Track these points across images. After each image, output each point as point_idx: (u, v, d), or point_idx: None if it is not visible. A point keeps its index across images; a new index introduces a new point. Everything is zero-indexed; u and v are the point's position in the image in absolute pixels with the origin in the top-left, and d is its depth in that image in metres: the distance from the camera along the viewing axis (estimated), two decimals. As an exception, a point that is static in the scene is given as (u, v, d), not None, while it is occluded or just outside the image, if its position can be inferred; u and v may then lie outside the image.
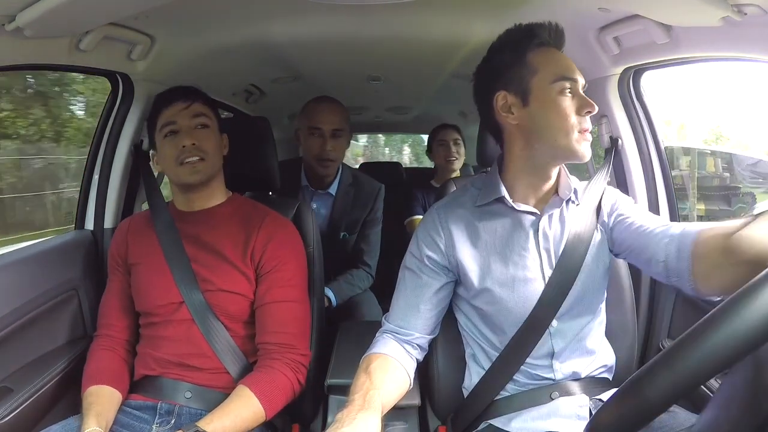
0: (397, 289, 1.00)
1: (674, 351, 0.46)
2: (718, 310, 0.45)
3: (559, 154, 0.91)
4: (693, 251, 0.79)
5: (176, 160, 1.04)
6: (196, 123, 1.06)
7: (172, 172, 1.06)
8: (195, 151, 1.04)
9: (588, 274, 0.93)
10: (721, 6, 0.80)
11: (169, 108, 1.06)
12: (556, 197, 0.96)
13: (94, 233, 1.36)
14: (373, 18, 1.26)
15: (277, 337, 1.01)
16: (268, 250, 1.05)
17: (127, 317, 1.08)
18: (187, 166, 1.04)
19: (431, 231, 0.97)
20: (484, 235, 0.95)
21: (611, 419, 0.51)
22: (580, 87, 0.90)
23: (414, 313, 0.96)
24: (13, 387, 1.02)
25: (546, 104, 0.89)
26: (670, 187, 1.34)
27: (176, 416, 0.98)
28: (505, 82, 0.92)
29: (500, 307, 0.92)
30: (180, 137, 1.04)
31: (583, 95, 0.89)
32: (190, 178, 1.05)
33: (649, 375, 0.47)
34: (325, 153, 1.58)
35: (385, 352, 0.93)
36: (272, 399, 0.96)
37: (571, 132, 0.88)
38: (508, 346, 0.93)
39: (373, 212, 1.74)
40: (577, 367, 0.94)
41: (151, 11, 1.04)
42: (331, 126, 1.58)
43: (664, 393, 0.46)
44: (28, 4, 0.81)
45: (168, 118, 1.06)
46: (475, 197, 0.98)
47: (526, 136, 0.92)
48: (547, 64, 0.90)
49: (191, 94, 1.08)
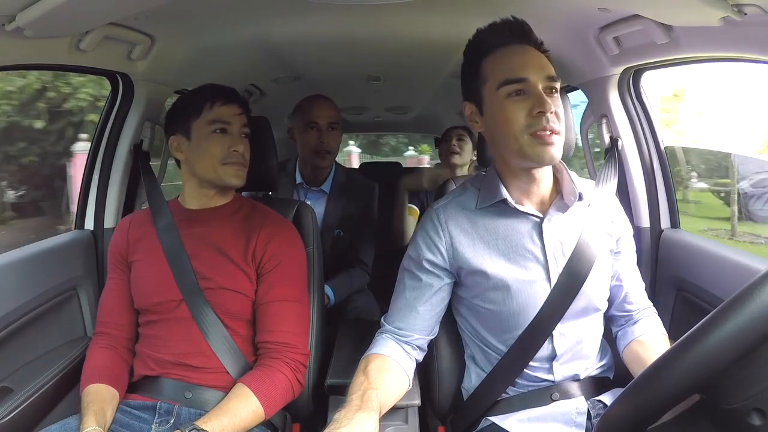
0: (396, 290, 0.99)
1: (690, 340, 0.45)
2: (733, 299, 0.45)
3: (518, 160, 0.89)
4: (623, 353, 1.00)
5: (221, 159, 1.05)
6: (244, 132, 1.09)
7: (211, 168, 1.06)
8: (241, 159, 1.07)
9: (596, 279, 0.92)
10: (721, 6, 0.80)
11: (225, 106, 1.07)
12: (561, 201, 0.94)
13: (94, 233, 1.36)
14: (373, 18, 1.26)
15: (276, 336, 1.01)
16: (269, 249, 1.05)
17: (126, 315, 1.08)
18: (232, 169, 1.06)
19: (431, 232, 0.96)
20: (486, 236, 0.93)
21: (626, 411, 0.50)
22: (539, 85, 0.85)
23: (413, 315, 0.95)
24: (13, 387, 1.02)
25: (494, 111, 0.88)
26: (670, 187, 1.34)
27: (176, 416, 0.98)
28: (467, 93, 0.94)
29: (501, 309, 0.92)
30: (232, 140, 1.06)
31: (540, 93, 0.84)
32: (232, 180, 1.07)
33: (665, 364, 0.46)
34: (322, 145, 1.63)
35: (384, 353, 0.93)
36: (271, 398, 0.95)
37: (520, 136, 0.85)
38: (510, 349, 0.92)
39: (367, 210, 1.76)
40: (576, 369, 0.94)
41: (151, 11, 1.04)
42: (327, 120, 1.64)
43: (679, 382, 0.45)
44: (28, 4, 0.81)
45: (223, 116, 1.06)
46: (476, 198, 0.96)
47: (491, 142, 0.94)
48: (494, 70, 0.88)
49: (245, 104, 1.11)
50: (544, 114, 0.83)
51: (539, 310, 0.90)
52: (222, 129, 1.06)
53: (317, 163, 1.65)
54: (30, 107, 6.88)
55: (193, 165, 1.08)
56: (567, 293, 0.90)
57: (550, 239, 0.92)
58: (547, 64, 0.88)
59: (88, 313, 1.29)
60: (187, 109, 1.09)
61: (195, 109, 1.07)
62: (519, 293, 0.91)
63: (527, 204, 0.94)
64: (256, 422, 0.95)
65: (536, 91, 0.85)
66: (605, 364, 1.00)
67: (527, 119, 0.84)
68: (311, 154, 1.64)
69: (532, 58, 0.87)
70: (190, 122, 1.07)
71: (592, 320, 0.96)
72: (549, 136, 0.84)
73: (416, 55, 1.59)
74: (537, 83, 0.85)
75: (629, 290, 1.00)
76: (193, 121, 1.07)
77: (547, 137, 0.84)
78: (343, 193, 1.72)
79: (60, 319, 1.23)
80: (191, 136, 1.07)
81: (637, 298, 1.01)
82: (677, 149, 5.39)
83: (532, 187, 0.93)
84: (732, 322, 0.44)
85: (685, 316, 1.20)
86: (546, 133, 0.84)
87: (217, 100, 1.07)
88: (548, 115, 0.84)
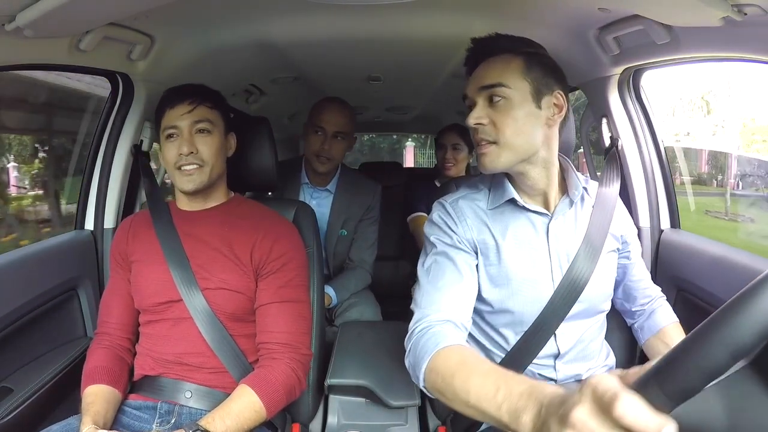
0: (420, 287, 0.90)
1: (731, 307, 0.44)
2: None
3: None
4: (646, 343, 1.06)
5: (174, 165, 1.04)
6: (198, 128, 1.05)
7: (171, 175, 1.07)
8: (192, 159, 1.03)
9: (599, 280, 0.93)
10: (721, 6, 0.80)
11: (172, 110, 1.05)
12: (566, 198, 0.95)
13: (94, 233, 1.36)
14: (373, 18, 1.26)
15: (279, 336, 1.01)
16: (271, 251, 1.05)
17: (127, 315, 1.08)
18: (184, 174, 1.04)
19: (444, 217, 0.94)
20: (495, 233, 0.94)
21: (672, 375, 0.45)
22: (475, 97, 0.88)
23: (448, 295, 0.86)
24: (13, 387, 1.02)
25: None
26: (670, 187, 1.34)
27: (176, 416, 0.98)
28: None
29: (508, 306, 0.92)
30: (179, 143, 1.03)
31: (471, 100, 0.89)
32: (185, 185, 1.05)
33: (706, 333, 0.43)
34: (323, 151, 1.63)
35: (456, 343, 0.78)
36: (274, 398, 0.95)
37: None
38: (514, 348, 0.92)
39: (371, 211, 1.78)
40: (578, 368, 0.95)
41: (151, 11, 1.04)
42: (334, 128, 1.63)
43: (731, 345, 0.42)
44: (28, 4, 0.81)
45: (169, 121, 1.05)
46: (486, 199, 0.96)
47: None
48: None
49: (198, 96, 1.06)
50: (476, 128, 0.87)
51: (543, 307, 0.90)
52: (172, 134, 1.04)
53: (316, 166, 1.66)
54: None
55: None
56: (570, 292, 0.90)
57: (555, 237, 0.93)
58: (485, 75, 0.88)
59: (88, 313, 1.29)
60: (156, 119, 1.10)
61: (158, 119, 1.08)
62: (526, 291, 0.91)
63: (534, 203, 0.95)
64: (258, 422, 0.95)
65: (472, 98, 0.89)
66: (606, 365, 1.00)
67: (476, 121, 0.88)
68: (312, 158, 1.66)
69: (488, 72, 0.88)
70: (158, 131, 1.09)
71: (594, 321, 0.96)
72: (484, 146, 0.88)
73: (416, 55, 1.59)
74: (474, 97, 0.88)
75: (642, 285, 1.06)
76: (160, 131, 1.08)
77: (485, 147, 0.88)
78: (348, 194, 1.74)
79: (60, 319, 1.23)
80: (161, 145, 1.09)
81: (650, 290, 1.07)
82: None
83: (533, 187, 0.94)
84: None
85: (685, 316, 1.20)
86: (483, 144, 0.88)
87: (167, 104, 1.05)
88: (478, 127, 0.87)
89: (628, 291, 1.06)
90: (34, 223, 3.47)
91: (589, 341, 0.95)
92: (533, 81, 0.86)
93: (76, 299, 1.28)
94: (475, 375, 0.65)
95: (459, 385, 0.66)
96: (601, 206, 0.97)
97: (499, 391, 0.59)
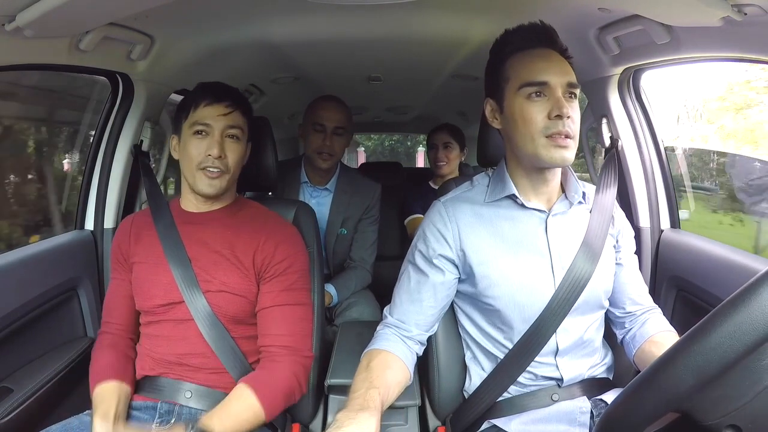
0: (400, 283, 0.99)
1: (696, 334, 0.45)
2: (735, 296, 0.45)
3: (532, 160, 0.90)
4: (635, 355, 1.00)
5: (198, 164, 1.01)
6: (229, 133, 1.02)
7: (189, 172, 1.03)
8: (219, 163, 1.01)
9: (600, 276, 0.93)
10: (721, 6, 0.80)
11: (208, 107, 1.01)
12: (564, 199, 0.96)
13: (94, 233, 1.36)
14: (373, 18, 1.26)
15: (281, 339, 1.01)
16: (273, 255, 1.04)
17: (130, 314, 1.08)
18: (206, 175, 1.01)
19: (437, 223, 0.96)
20: (492, 230, 0.94)
21: (625, 412, 0.50)
22: (558, 89, 0.86)
23: (415, 308, 0.96)
24: (13, 387, 1.02)
25: (513, 111, 0.89)
26: (670, 187, 1.34)
27: (176, 416, 0.98)
28: (489, 90, 0.95)
29: (508, 303, 0.92)
30: (209, 143, 1.00)
31: (558, 98, 0.86)
32: (205, 188, 1.02)
33: (668, 362, 0.46)
34: (325, 147, 1.65)
35: (386, 348, 0.93)
36: (273, 400, 0.95)
37: (536, 137, 0.86)
38: (516, 345, 0.93)
39: (370, 211, 1.79)
40: (579, 367, 0.95)
41: (151, 11, 1.04)
42: (334, 123, 1.66)
43: (684, 380, 0.45)
44: (28, 4, 0.81)
45: (203, 117, 1.01)
46: (484, 193, 0.97)
47: (508, 141, 0.94)
48: (517, 71, 0.89)
49: (236, 100, 1.03)
50: (562, 118, 0.85)
51: (545, 305, 0.90)
52: (201, 131, 1.01)
53: (318, 164, 1.68)
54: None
55: (181, 167, 1.06)
56: (572, 289, 0.90)
57: (555, 235, 0.94)
58: (569, 71, 0.89)
59: (88, 313, 1.29)
60: (181, 108, 1.06)
61: (185, 109, 1.04)
62: (525, 286, 0.91)
63: (534, 200, 0.95)
64: (257, 425, 0.95)
65: (556, 95, 0.86)
66: (606, 364, 1.00)
67: (545, 121, 0.86)
68: (314, 155, 1.67)
69: (555, 63, 0.89)
70: (181, 122, 1.05)
71: (594, 318, 0.96)
72: (564, 139, 0.86)
73: (416, 55, 1.59)
74: (557, 88, 0.87)
75: (630, 290, 1.01)
76: (183, 122, 1.04)
77: (562, 140, 0.86)
78: (348, 193, 1.75)
79: (60, 319, 1.23)
80: (181, 136, 1.05)
81: (640, 298, 1.02)
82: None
83: (540, 186, 0.94)
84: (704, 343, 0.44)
85: (685, 317, 1.20)
86: (561, 137, 0.86)
87: (202, 100, 1.02)
88: (565, 119, 0.85)
89: (614, 294, 1.01)
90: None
91: (589, 339, 0.95)
92: None
93: (76, 299, 1.28)
94: (360, 374, 0.88)
95: (357, 375, 0.89)
96: (599, 211, 0.97)
97: (357, 391, 0.83)
